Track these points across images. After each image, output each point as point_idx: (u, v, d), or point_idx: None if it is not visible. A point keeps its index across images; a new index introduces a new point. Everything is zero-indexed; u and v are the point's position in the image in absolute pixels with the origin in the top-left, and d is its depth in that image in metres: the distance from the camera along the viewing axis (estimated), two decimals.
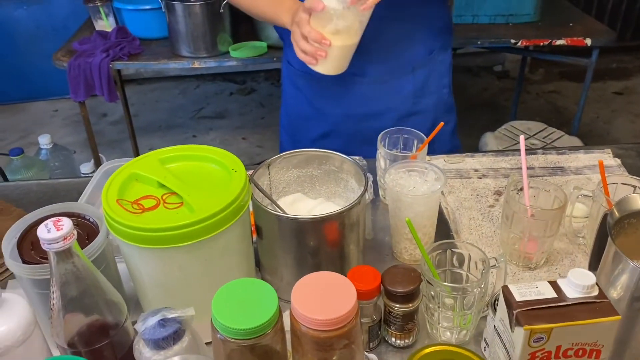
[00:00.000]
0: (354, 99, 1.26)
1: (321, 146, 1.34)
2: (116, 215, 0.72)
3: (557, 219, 0.88)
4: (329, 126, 1.32)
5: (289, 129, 1.41)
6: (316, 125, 1.33)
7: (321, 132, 1.33)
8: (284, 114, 1.42)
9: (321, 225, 0.80)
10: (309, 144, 1.36)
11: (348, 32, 0.99)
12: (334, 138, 1.32)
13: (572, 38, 2.11)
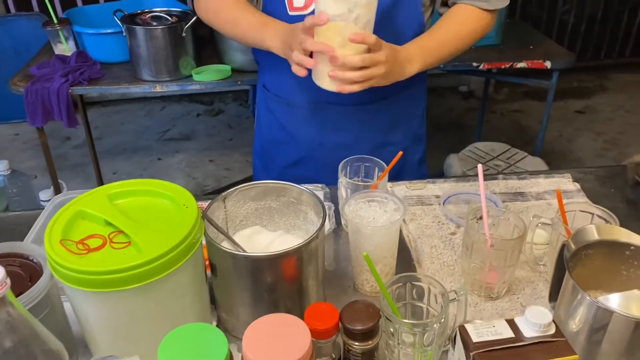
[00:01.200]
0: (328, 126, 1.25)
1: (293, 173, 1.34)
2: (59, 258, 0.69)
3: (517, 249, 0.87)
4: (301, 153, 1.30)
5: (262, 153, 1.39)
6: (289, 152, 1.32)
7: (294, 158, 1.32)
8: (257, 138, 1.40)
9: (278, 262, 0.77)
10: (281, 170, 1.34)
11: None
12: (306, 165, 1.30)
13: (532, 61, 2.16)
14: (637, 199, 1.16)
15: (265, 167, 1.37)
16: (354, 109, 1.22)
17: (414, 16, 1.15)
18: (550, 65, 2.16)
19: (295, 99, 1.24)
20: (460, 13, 1.17)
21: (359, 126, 1.25)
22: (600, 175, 1.25)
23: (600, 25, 4.21)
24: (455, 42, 1.16)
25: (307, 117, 1.24)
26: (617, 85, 4.18)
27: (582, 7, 4.10)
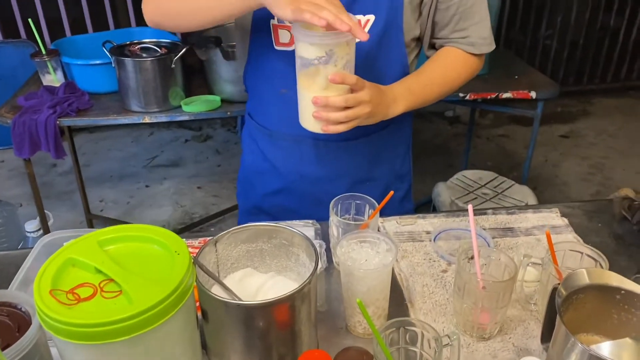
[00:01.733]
0: (309, 160, 1.25)
1: (273, 202, 1.34)
2: (49, 310, 0.67)
3: (508, 290, 0.88)
4: (282, 183, 1.30)
5: (244, 181, 1.40)
6: (270, 181, 1.32)
7: (274, 188, 1.32)
8: (242, 166, 1.41)
9: (271, 309, 0.77)
10: (260, 197, 1.34)
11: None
12: (287, 196, 1.31)
13: (517, 91, 2.19)
14: (624, 234, 1.17)
15: (245, 194, 1.38)
16: (335, 145, 1.22)
17: (397, 57, 1.16)
18: (535, 95, 2.19)
19: (278, 130, 1.24)
20: (447, 55, 1.19)
21: (340, 161, 1.25)
22: (587, 210, 1.26)
23: (582, 51, 4.31)
24: (442, 84, 1.18)
25: (288, 149, 1.25)
26: (600, 110, 4.26)
27: (564, 33, 4.20)
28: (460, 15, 1.16)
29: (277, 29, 1.12)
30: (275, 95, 1.19)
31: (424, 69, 1.18)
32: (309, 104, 1.00)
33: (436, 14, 1.17)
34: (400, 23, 1.13)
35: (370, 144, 1.24)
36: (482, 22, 1.17)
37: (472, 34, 1.17)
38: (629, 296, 0.75)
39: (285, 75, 1.15)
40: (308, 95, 1.00)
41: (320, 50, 0.94)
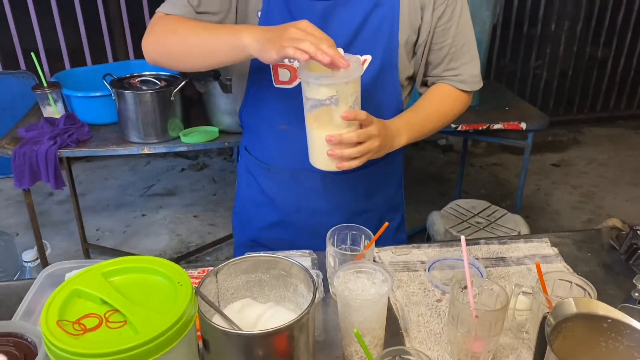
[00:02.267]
0: (306, 193, 1.28)
1: (270, 235, 1.37)
2: (56, 340, 0.70)
3: (500, 319, 0.90)
4: (279, 216, 1.33)
5: (241, 213, 1.43)
6: (267, 213, 1.35)
7: (272, 220, 1.35)
8: (237, 198, 1.43)
9: (270, 339, 0.79)
10: (258, 231, 1.37)
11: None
12: (284, 228, 1.34)
13: (508, 122, 2.25)
14: (612, 263, 1.21)
15: (242, 226, 1.40)
16: (332, 178, 1.26)
17: (393, 95, 1.21)
18: (525, 126, 2.25)
19: (275, 164, 1.28)
20: (440, 92, 1.24)
21: (337, 194, 1.29)
22: (577, 240, 1.30)
23: (571, 81, 4.42)
24: (437, 118, 1.23)
25: (286, 183, 1.28)
26: (590, 139, 4.34)
27: (554, 64, 4.30)
28: (452, 55, 1.22)
29: (277, 68, 1.17)
30: (273, 131, 1.23)
31: (420, 105, 1.22)
32: (321, 143, 1.03)
33: (430, 54, 1.22)
34: (395, 63, 1.18)
35: (366, 176, 1.28)
36: (472, 61, 1.23)
37: (464, 72, 1.23)
38: (616, 324, 0.77)
39: (284, 112, 1.20)
40: (320, 135, 1.03)
41: (331, 90, 0.98)
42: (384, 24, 1.15)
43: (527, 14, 4.07)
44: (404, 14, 1.15)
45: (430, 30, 1.19)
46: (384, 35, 1.15)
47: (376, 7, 1.14)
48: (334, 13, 1.13)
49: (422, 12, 1.17)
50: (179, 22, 1.10)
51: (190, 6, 1.12)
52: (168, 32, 1.10)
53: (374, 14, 1.14)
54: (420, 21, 1.18)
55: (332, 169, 1.06)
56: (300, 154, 1.22)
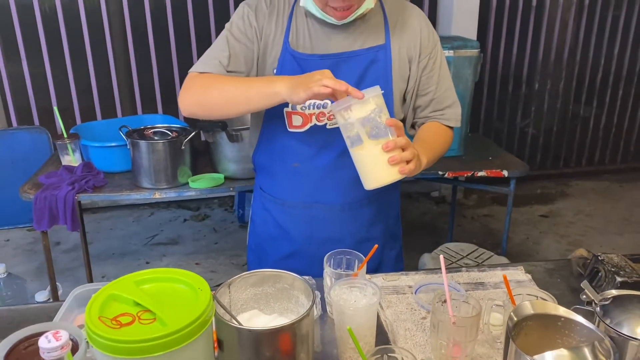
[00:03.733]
0: (317, 223, 1.45)
1: (285, 266, 1.49)
2: (98, 330, 0.83)
3: (475, 325, 1.04)
4: (294, 247, 1.49)
5: (256, 249, 1.57)
6: (282, 246, 1.50)
7: (287, 252, 1.50)
8: (252, 235, 1.59)
9: (275, 336, 0.93)
10: (274, 263, 1.52)
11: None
12: (298, 259, 1.49)
13: (491, 170, 2.44)
14: (579, 288, 1.33)
15: (259, 261, 1.55)
16: (339, 208, 1.43)
17: None
18: (507, 174, 2.44)
19: (290, 198, 1.45)
20: (432, 127, 1.44)
21: (344, 223, 1.45)
22: (548, 268, 1.45)
23: (557, 137, 4.65)
24: (438, 146, 1.39)
25: (299, 215, 1.45)
26: (577, 192, 4.52)
27: (539, 121, 4.54)
28: (437, 99, 1.43)
29: (291, 115, 1.36)
30: (287, 170, 1.41)
31: (423, 137, 1.40)
32: (377, 157, 1.13)
33: (417, 100, 1.44)
34: (391, 109, 1.38)
35: (369, 207, 1.45)
36: (454, 103, 1.46)
37: (446, 113, 1.45)
38: (568, 322, 0.92)
39: (297, 152, 1.39)
40: (374, 150, 1.13)
41: (372, 103, 1.12)
42: (380, 77, 1.35)
43: (512, 75, 4.34)
44: (395, 68, 1.36)
45: (417, 79, 1.40)
46: (381, 85, 1.35)
47: (373, 63, 1.35)
48: (338, 68, 1.33)
49: (410, 64, 1.39)
50: (216, 77, 1.29)
51: (221, 65, 1.32)
52: (206, 87, 1.28)
53: (371, 68, 1.35)
54: (409, 72, 1.39)
55: (396, 177, 1.14)
56: (311, 188, 1.40)
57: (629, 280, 1.20)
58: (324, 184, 1.40)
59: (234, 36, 1.33)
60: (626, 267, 1.25)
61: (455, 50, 2.43)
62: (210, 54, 1.34)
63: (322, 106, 1.34)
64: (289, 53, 1.33)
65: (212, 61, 1.32)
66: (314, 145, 1.38)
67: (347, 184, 1.40)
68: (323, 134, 1.36)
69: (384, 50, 1.35)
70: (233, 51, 1.32)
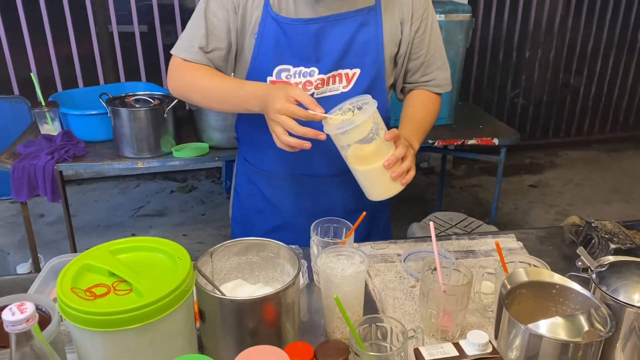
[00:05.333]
0: (305, 195, 1.40)
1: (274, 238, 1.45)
2: (70, 302, 0.79)
3: (466, 294, 1.01)
4: (281, 220, 1.44)
5: (242, 221, 1.52)
6: (269, 219, 1.45)
7: (274, 225, 1.45)
8: (236, 207, 1.53)
9: (259, 306, 0.89)
10: (261, 235, 1.46)
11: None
12: (286, 231, 1.44)
13: (482, 138, 2.39)
14: (571, 255, 1.32)
15: (245, 233, 1.50)
16: (328, 179, 1.39)
17: (382, 103, 1.33)
18: (497, 142, 2.40)
19: (276, 171, 1.40)
20: (420, 98, 1.39)
21: (332, 195, 1.40)
22: (540, 235, 1.42)
23: (546, 107, 4.61)
24: (428, 120, 1.38)
25: (286, 188, 1.40)
26: (566, 162, 4.51)
27: (529, 91, 4.50)
28: (427, 62, 1.38)
29: (275, 84, 1.29)
30: (273, 143, 1.35)
31: (411, 114, 1.37)
32: (380, 174, 1.14)
33: (408, 63, 1.38)
34: (383, 74, 1.32)
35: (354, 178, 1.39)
36: (444, 65, 1.41)
37: (437, 76, 1.40)
38: (563, 290, 0.89)
39: None
40: (376, 168, 1.13)
41: (370, 122, 1.10)
42: (370, 41, 1.29)
43: (502, 43, 4.28)
44: (386, 31, 1.30)
45: (409, 42, 1.34)
46: (371, 51, 1.29)
47: (362, 26, 1.28)
48: (325, 32, 1.26)
49: (402, 27, 1.32)
50: (195, 80, 1.28)
51: (201, 51, 1.27)
52: (187, 87, 1.29)
53: (360, 32, 1.28)
54: (400, 35, 1.32)
55: (399, 189, 1.17)
56: (299, 159, 1.34)
57: (622, 247, 1.17)
58: (312, 155, 1.34)
59: (210, 9, 1.27)
60: (620, 233, 1.22)
61: (447, 14, 2.36)
62: (190, 34, 1.28)
63: (309, 74, 1.27)
64: (271, 16, 1.25)
65: (192, 46, 1.27)
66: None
67: (336, 154, 1.35)
68: None
69: (374, 12, 1.28)
70: (211, 26, 1.26)
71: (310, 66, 1.26)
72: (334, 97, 1.30)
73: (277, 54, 1.26)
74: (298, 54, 1.26)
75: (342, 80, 1.30)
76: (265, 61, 1.27)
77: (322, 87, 1.28)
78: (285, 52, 1.26)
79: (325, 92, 1.30)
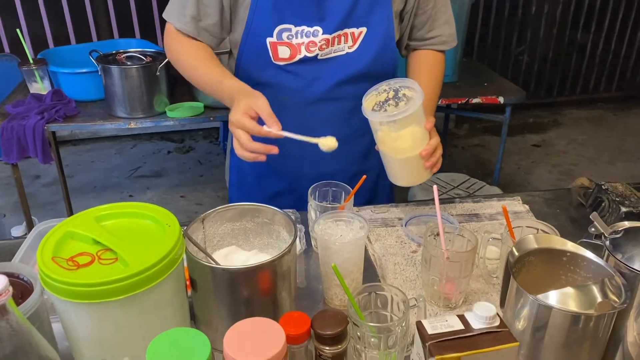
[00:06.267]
0: (310, 159, 1.33)
1: (276, 204, 1.38)
2: (51, 272, 0.74)
3: (470, 260, 0.97)
4: (283, 185, 1.38)
5: (241, 186, 1.46)
6: (271, 183, 1.39)
7: (276, 190, 1.39)
8: (234, 171, 1.47)
9: (253, 274, 0.84)
10: (264, 201, 1.40)
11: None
12: (288, 196, 1.38)
13: (486, 97, 2.31)
14: (579, 218, 1.27)
15: (244, 198, 1.43)
16: None
17: (390, 61, 1.29)
18: (503, 100, 2.32)
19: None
20: (425, 59, 1.33)
21: (338, 158, 1.33)
22: (547, 198, 1.37)
23: (552, 65, 4.49)
24: (436, 84, 1.33)
25: (289, 152, 1.31)
26: (570, 121, 4.43)
27: (534, 47, 4.37)
28: (434, 17, 1.30)
29: (276, 46, 1.21)
30: (274, 103, 1.27)
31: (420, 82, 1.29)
32: (413, 162, 1.13)
33: (414, 19, 1.30)
34: (392, 32, 1.25)
35: (363, 139, 1.33)
36: (449, 19, 1.32)
37: (443, 32, 1.32)
38: (574, 257, 0.84)
39: (284, 85, 1.25)
40: (413, 156, 1.11)
41: (417, 114, 1.08)
42: None
43: None
44: None
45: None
46: (379, 7, 1.21)
47: None
48: None
49: None
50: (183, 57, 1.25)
51: (193, 20, 1.21)
52: (177, 61, 1.27)
53: None
54: None
55: (428, 176, 1.17)
56: (302, 123, 1.27)
57: (634, 210, 1.12)
58: (316, 118, 1.27)
59: None
60: (631, 196, 1.17)
61: None
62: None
63: (312, 34, 1.19)
64: None
65: (184, 15, 1.21)
66: (305, 77, 1.24)
67: (341, 116, 1.28)
68: (314, 65, 1.23)
69: None
70: None
71: (314, 25, 1.18)
72: (339, 58, 1.23)
73: (276, 12, 1.18)
74: (299, 12, 1.18)
75: (347, 40, 1.22)
76: (264, 21, 1.19)
77: (326, 47, 1.21)
78: (286, 10, 1.18)
79: (330, 53, 1.22)
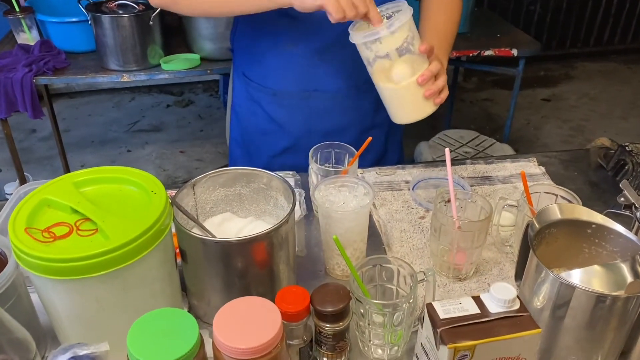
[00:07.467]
0: (317, 114, 1.24)
1: (282, 161, 1.32)
2: (24, 246, 0.67)
3: (483, 230, 0.89)
4: (290, 141, 1.29)
5: (243, 143, 1.37)
6: (276, 141, 1.30)
7: (282, 147, 1.30)
8: (235, 127, 1.37)
9: (248, 246, 0.77)
10: (268, 159, 1.33)
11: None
12: (295, 153, 1.29)
13: (499, 49, 2.19)
14: (599, 181, 1.19)
15: (248, 156, 1.35)
16: (340, 95, 1.22)
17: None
18: (516, 53, 2.19)
19: (282, 88, 1.22)
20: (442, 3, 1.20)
21: (347, 112, 1.24)
22: (564, 159, 1.28)
23: (565, 16, 4.30)
24: (453, 28, 1.21)
25: (295, 107, 1.23)
26: (582, 74, 4.28)
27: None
28: None
29: None
30: (278, 54, 1.17)
31: (434, 25, 1.19)
32: (410, 92, 1.01)
33: None
34: None
35: (372, 91, 1.23)
36: None
37: None
38: (600, 230, 0.76)
39: (291, 31, 1.14)
40: (408, 84, 1.00)
41: (405, 30, 0.95)
42: None
43: None
44: None
45: None
46: None
47: None
48: None
49: None
50: None
51: None
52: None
53: None
54: None
55: (431, 109, 1.05)
56: (309, 74, 1.17)
57: None
58: (325, 67, 1.17)
59: None
60: None
61: None
62: None
63: None
64: None
65: None
66: (312, 22, 1.12)
67: (351, 64, 1.17)
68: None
69: None
70: None
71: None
72: None
73: None
74: None
75: None
76: None
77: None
78: None
79: None
